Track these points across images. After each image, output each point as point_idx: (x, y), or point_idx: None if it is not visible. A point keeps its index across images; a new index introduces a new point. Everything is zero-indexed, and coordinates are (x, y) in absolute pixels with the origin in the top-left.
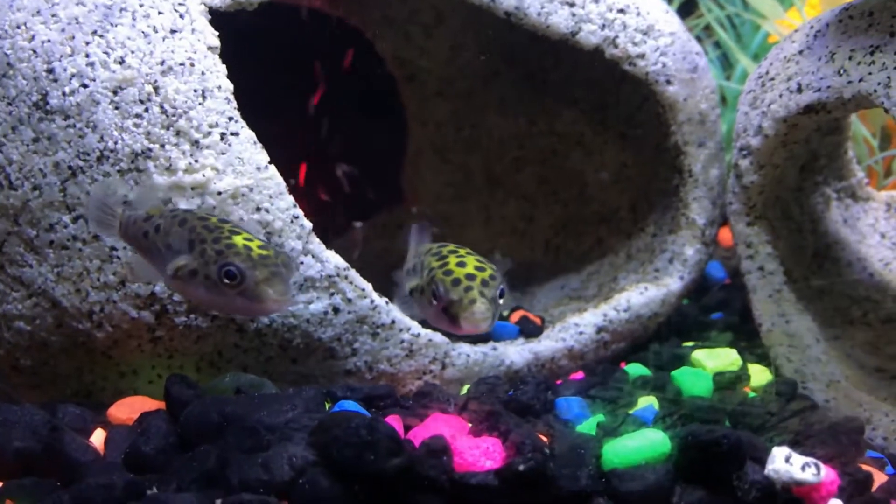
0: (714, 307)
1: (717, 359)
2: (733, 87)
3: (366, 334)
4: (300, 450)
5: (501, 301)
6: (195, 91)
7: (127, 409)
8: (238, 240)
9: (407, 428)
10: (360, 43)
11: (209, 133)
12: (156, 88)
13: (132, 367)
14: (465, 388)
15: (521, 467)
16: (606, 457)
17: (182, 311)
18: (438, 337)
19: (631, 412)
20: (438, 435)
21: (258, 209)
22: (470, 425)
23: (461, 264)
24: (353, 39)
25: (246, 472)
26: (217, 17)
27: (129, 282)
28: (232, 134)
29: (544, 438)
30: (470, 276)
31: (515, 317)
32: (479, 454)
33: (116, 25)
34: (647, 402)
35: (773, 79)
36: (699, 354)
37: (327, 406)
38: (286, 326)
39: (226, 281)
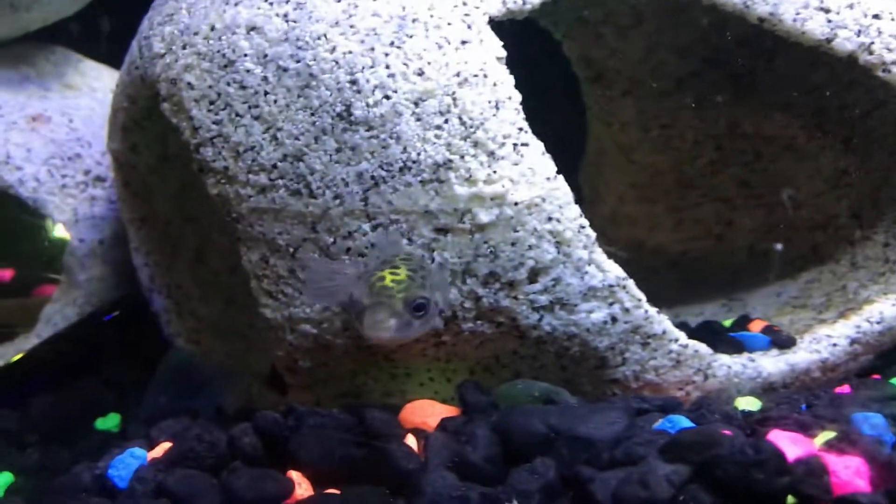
0: None
1: None
2: None
3: (637, 344)
4: (671, 467)
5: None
6: (489, 102)
7: (420, 414)
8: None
9: None
10: (547, 43)
11: (503, 144)
12: (454, 100)
13: (407, 369)
14: (740, 400)
15: None
16: None
17: (469, 318)
18: (703, 348)
19: None
20: (815, 454)
21: (549, 219)
22: (816, 444)
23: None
24: (540, 40)
25: (620, 488)
26: None
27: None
28: (523, 145)
29: None
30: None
31: (757, 326)
32: (852, 473)
33: (412, 37)
34: None
35: None
36: None
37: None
38: (566, 335)
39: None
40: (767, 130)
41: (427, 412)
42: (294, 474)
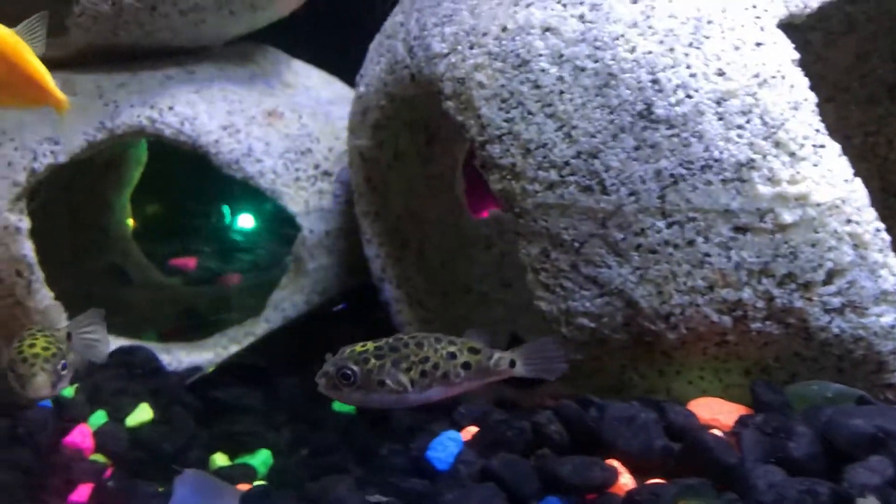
0: None
1: None
2: None
3: None
4: None
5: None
6: (788, 103)
7: (708, 410)
8: (369, 343)
9: None
10: None
11: (803, 145)
12: (755, 100)
13: (679, 367)
14: None
15: None
16: None
17: (759, 318)
18: None
19: None
20: None
21: (849, 221)
22: None
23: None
24: None
25: None
26: None
27: None
28: (821, 146)
29: None
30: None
31: None
32: None
33: (709, 38)
34: None
35: None
36: None
37: None
38: (853, 338)
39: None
40: None
41: (716, 409)
42: (615, 463)
